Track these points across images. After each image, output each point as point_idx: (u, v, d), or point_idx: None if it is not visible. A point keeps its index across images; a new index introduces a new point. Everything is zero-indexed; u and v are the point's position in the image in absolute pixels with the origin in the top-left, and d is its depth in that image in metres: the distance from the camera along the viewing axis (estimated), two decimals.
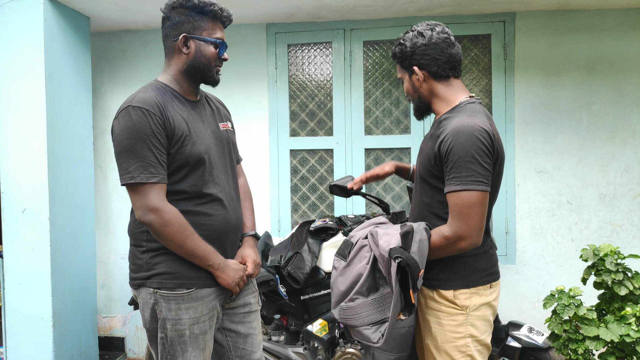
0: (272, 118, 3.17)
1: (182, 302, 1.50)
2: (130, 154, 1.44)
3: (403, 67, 1.65)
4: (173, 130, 1.49)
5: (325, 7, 2.84)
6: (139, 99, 1.47)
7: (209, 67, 1.58)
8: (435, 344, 1.57)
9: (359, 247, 1.57)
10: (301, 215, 3.24)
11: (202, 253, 1.50)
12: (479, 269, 1.57)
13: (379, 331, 1.46)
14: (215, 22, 1.57)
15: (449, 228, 1.47)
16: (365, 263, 1.52)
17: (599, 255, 2.11)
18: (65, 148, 2.74)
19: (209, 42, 1.55)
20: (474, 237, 1.46)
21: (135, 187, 1.45)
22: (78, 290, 2.84)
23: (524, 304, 3.02)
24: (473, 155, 1.43)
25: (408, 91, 1.67)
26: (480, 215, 1.45)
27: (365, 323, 1.47)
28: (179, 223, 1.46)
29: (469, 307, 1.54)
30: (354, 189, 2.08)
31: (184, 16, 1.53)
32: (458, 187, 1.44)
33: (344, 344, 2.40)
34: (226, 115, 1.78)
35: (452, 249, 1.48)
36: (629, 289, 2.04)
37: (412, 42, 1.57)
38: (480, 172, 1.43)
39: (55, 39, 2.67)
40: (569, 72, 2.95)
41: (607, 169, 2.95)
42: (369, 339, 1.47)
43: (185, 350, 1.51)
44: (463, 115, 1.50)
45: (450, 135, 1.45)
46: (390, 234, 1.49)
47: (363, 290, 1.50)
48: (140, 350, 3.34)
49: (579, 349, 2.07)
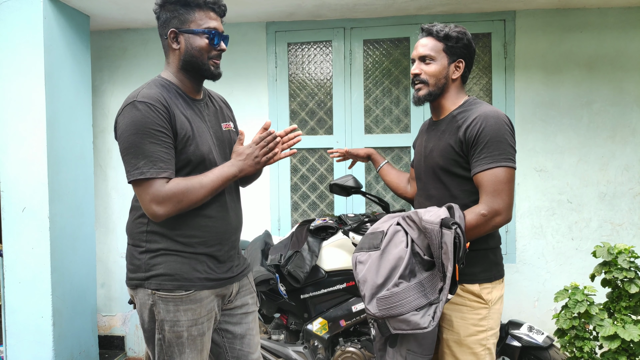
0: (272, 117, 3.16)
1: (181, 303, 1.49)
2: (138, 149, 1.40)
3: (448, 52, 1.66)
4: (177, 130, 1.46)
5: (325, 5, 2.83)
6: (144, 94, 1.44)
7: (202, 60, 1.52)
8: (457, 338, 1.60)
9: (392, 233, 1.54)
10: (301, 214, 3.24)
11: (219, 181, 1.48)
12: (497, 262, 1.66)
13: (428, 315, 1.42)
14: (204, 11, 1.50)
15: (485, 205, 1.52)
16: (404, 246, 1.49)
17: (613, 254, 2.12)
18: (65, 147, 2.74)
19: (197, 33, 1.49)
20: (508, 213, 1.53)
21: (145, 182, 1.41)
22: (78, 289, 2.84)
23: (524, 302, 3.02)
24: (503, 135, 1.53)
25: (437, 74, 1.66)
26: (511, 192, 1.54)
27: (412, 308, 1.42)
28: (181, 190, 1.42)
29: (491, 301, 1.60)
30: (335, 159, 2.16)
31: (170, 12, 1.50)
32: (492, 165, 1.52)
33: (344, 342, 2.40)
34: (229, 115, 1.76)
35: (487, 227, 1.53)
36: (639, 287, 2.05)
37: (470, 40, 1.69)
38: (510, 151, 1.54)
39: (54, 37, 2.66)
40: (570, 70, 2.95)
41: (607, 168, 2.95)
42: (418, 325, 1.41)
43: (182, 351, 1.50)
44: (483, 105, 1.62)
45: (479, 120, 1.55)
46: (432, 210, 1.50)
47: (406, 273, 1.45)
48: (140, 349, 3.34)
49: (585, 347, 2.08)
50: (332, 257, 2.40)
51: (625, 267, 2.08)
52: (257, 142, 1.54)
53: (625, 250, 2.12)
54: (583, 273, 2.94)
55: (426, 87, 1.68)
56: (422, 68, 1.68)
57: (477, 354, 1.59)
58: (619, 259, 2.10)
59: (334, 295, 2.39)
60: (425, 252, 1.47)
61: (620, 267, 2.10)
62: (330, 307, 2.41)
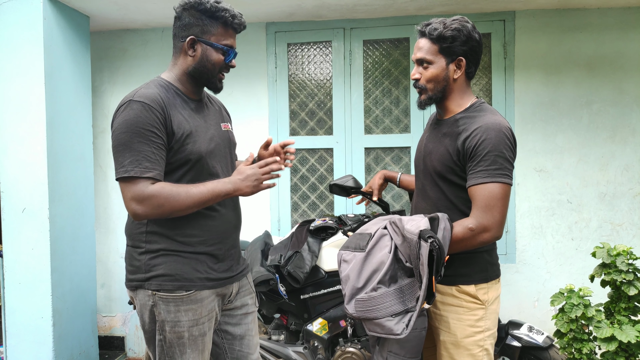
0: (272, 117, 3.17)
1: (182, 304, 1.49)
2: (126, 147, 1.40)
3: (444, 52, 1.57)
4: (174, 129, 1.47)
5: (325, 6, 2.83)
6: (141, 94, 1.45)
7: (213, 73, 1.55)
8: (454, 340, 1.59)
9: (378, 236, 1.53)
10: (301, 214, 3.24)
11: (209, 195, 1.45)
12: (492, 262, 1.63)
13: (402, 322, 1.42)
14: (227, 28, 1.53)
15: (474, 219, 1.48)
16: (387, 251, 1.48)
17: (612, 256, 2.12)
18: (65, 147, 2.74)
19: (216, 48, 1.52)
20: (497, 230, 1.49)
21: (128, 181, 1.40)
22: (78, 289, 2.84)
23: (523, 303, 3.02)
24: (501, 150, 1.47)
25: (434, 78, 1.59)
26: (504, 208, 1.49)
27: (387, 314, 1.42)
28: (164, 195, 1.40)
29: (487, 301, 1.59)
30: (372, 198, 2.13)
31: (194, 18, 1.50)
32: (486, 180, 1.47)
33: (344, 343, 2.40)
34: (227, 117, 1.77)
35: (474, 242, 1.49)
36: (638, 289, 2.04)
37: (469, 34, 1.57)
38: (506, 167, 1.49)
39: (54, 38, 2.67)
40: (569, 71, 2.95)
41: (607, 168, 2.95)
42: (392, 331, 1.41)
43: (184, 352, 1.50)
44: (487, 113, 1.55)
45: (479, 131, 1.49)
46: (416, 219, 1.48)
47: (386, 279, 1.45)
48: (140, 350, 3.34)
49: (584, 348, 2.08)
50: (332, 258, 2.40)
51: (623, 269, 2.08)
52: (260, 166, 1.53)
53: (624, 252, 2.12)
54: (583, 273, 2.94)
55: (425, 93, 1.63)
56: (421, 72, 1.61)
57: (474, 355, 1.57)
58: (617, 261, 2.10)
59: (334, 295, 2.40)
60: (408, 259, 1.45)
61: (619, 269, 2.10)
62: (330, 308, 2.41)
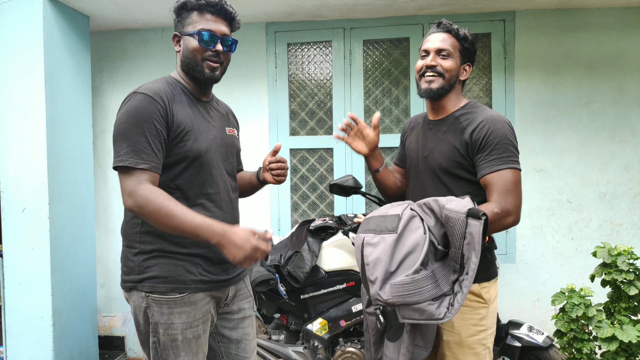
0: (271, 117, 3.17)
1: (175, 306, 1.48)
2: (124, 137, 1.40)
3: (462, 52, 1.68)
4: (175, 123, 1.47)
5: (325, 6, 2.83)
6: (146, 87, 1.47)
7: (195, 61, 1.53)
8: (458, 339, 1.60)
9: (408, 217, 1.46)
10: (301, 214, 3.24)
11: (191, 230, 1.35)
12: (492, 261, 1.67)
13: (443, 305, 1.36)
14: (201, 13, 1.52)
15: (497, 204, 1.52)
16: (421, 232, 1.41)
17: (613, 256, 2.12)
18: (65, 147, 2.74)
19: (190, 34, 1.52)
20: (519, 214, 1.55)
21: (124, 171, 1.40)
22: (78, 289, 2.84)
23: (523, 303, 3.02)
24: (509, 138, 1.56)
25: (452, 69, 1.66)
26: (521, 193, 1.57)
27: (429, 297, 1.34)
28: (152, 204, 1.35)
29: (490, 300, 1.61)
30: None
31: (177, 16, 1.57)
32: (501, 167, 1.54)
33: (344, 343, 2.40)
34: (234, 123, 1.77)
35: (498, 225, 1.52)
36: (638, 289, 2.04)
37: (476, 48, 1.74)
38: (516, 154, 1.57)
39: (54, 38, 2.67)
40: (569, 70, 2.95)
41: (607, 168, 2.94)
42: (433, 316, 1.34)
43: (177, 354, 1.49)
44: (486, 109, 1.64)
45: (486, 123, 1.57)
46: (455, 200, 1.43)
47: (426, 260, 1.38)
48: (140, 350, 3.34)
49: (584, 348, 2.08)
50: (332, 258, 2.40)
51: (624, 269, 2.08)
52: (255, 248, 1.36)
53: (624, 252, 2.12)
54: (583, 273, 2.94)
55: (440, 80, 1.64)
56: (439, 61, 1.65)
57: (478, 353, 1.59)
58: (618, 261, 2.10)
59: (334, 295, 2.40)
60: (440, 242, 1.41)
61: (620, 269, 2.10)
62: (330, 308, 2.41)
